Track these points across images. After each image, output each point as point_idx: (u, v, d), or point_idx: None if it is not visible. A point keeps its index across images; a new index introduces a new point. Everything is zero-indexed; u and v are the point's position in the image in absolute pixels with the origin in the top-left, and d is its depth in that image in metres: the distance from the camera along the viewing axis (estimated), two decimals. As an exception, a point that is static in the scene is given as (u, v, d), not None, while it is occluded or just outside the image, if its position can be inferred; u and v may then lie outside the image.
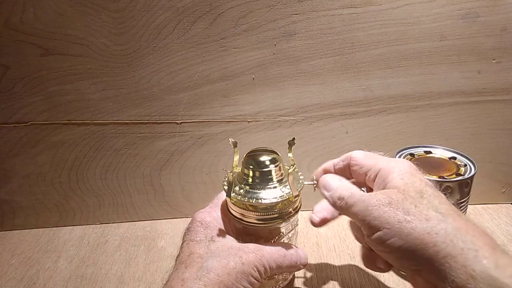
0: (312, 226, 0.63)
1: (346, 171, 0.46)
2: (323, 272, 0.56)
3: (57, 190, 0.67)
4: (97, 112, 0.62)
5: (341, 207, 0.40)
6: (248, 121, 0.64)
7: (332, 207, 0.42)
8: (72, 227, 0.70)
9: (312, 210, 0.45)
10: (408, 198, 0.36)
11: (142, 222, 0.70)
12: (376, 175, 0.41)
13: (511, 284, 0.30)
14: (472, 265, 0.31)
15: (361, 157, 0.44)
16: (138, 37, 0.58)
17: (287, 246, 0.44)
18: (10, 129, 0.62)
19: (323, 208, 0.44)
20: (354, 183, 0.43)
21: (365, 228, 0.37)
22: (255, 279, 0.39)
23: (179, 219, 0.71)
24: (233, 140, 0.45)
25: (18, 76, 0.59)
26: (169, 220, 0.71)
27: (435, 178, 0.48)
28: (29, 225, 0.69)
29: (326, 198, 0.43)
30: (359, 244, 0.61)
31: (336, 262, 0.58)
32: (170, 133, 0.64)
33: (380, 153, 0.45)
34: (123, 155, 0.65)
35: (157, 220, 0.71)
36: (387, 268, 0.42)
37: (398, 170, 0.39)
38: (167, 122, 0.64)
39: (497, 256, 0.31)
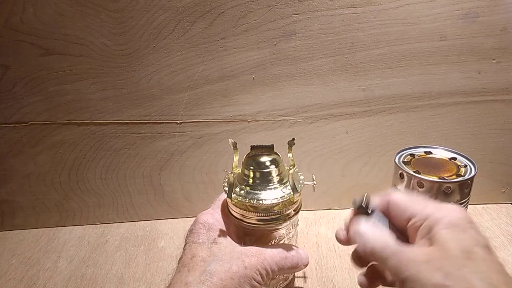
0: (312, 227, 0.63)
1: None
2: (323, 272, 0.56)
3: (57, 190, 0.67)
4: (97, 112, 0.62)
5: (374, 259, 0.35)
6: (248, 121, 0.64)
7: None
8: (72, 227, 0.70)
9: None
10: (451, 258, 0.30)
11: (142, 222, 0.70)
12: (421, 224, 0.34)
13: None
14: None
15: (404, 201, 0.37)
16: (138, 37, 0.58)
17: (288, 247, 0.44)
18: (10, 129, 0.62)
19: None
20: (391, 225, 0.38)
21: (398, 284, 0.32)
22: (257, 282, 0.39)
23: (179, 219, 0.71)
24: (232, 141, 0.45)
25: (18, 76, 0.59)
26: (169, 220, 0.71)
27: (435, 179, 0.48)
28: (29, 225, 0.69)
29: (358, 244, 0.37)
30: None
31: (336, 262, 0.58)
32: (170, 133, 0.64)
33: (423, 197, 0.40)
34: (123, 155, 0.65)
35: (157, 220, 0.71)
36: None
37: (447, 221, 0.33)
38: (167, 122, 0.64)
39: None
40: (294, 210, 0.46)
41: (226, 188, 0.44)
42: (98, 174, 0.67)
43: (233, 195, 0.43)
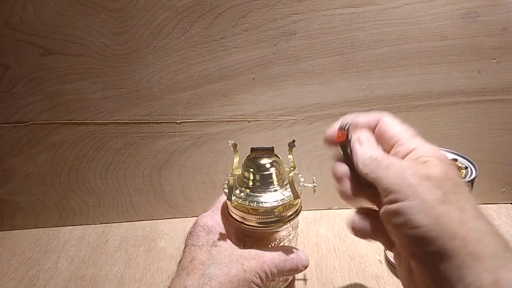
0: (312, 227, 0.63)
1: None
2: (323, 273, 0.56)
3: (57, 190, 0.67)
4: (97, 112, 0.62)
5: (370, 166, 0.34)
6: (248, 121, 0.64)
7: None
8: (72, 227, 0.70)
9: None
10: (449, 183, 0.30)
11: (142, 222, 0.70)
12: (408, 153, 0.34)
13: None
14: (500, 272, 0.27)
15: (395, 125, 0.37)
16: (138, 36, 0.58)
17: (288, 249, 0.44)
18: (10, 129, 0.62)
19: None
20: None
21: (388, 194, 0.31)
22: (256, 285, 0.39)
23: (179, 219, 0.71)
24: (233, 142, 0.45)
25: (18, 75, 0.59)
26: (169, 220, 0.70)
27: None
28: (29, 225, 0.69)
29: (353, 152, 0.37)
30: (360, 243, 0.61)
31: (336, 263, 0.58)
32: (170, 133, 0.64)
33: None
34: (123, 155, 0.65)
35: (157, 220, 0.71)
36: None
37: (433, 155, 0.33)
38: (167, 122, 0.63)
39: None
40: (294, 213, 0.46)
41: (226, 190, 0.44)
42: (98, 174, 0.67)
43: (233, 198, 0.43)
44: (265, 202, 0.43)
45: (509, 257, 0.28)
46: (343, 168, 0.38)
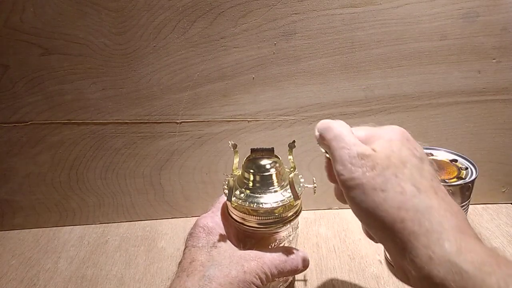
0: (312, 227, 0.63)
1: None
2: (323, 273, 0.56)
3: (57, 190, 0.67)
4: (97, 112, 0.62)
5: (324, 142, 0.38)
6: (248, 121, 0.64)
7: None
8: (72, 227, 0.70)
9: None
10: (391, 166, 0.33)
11: (142, 222, 0.70)
12: (365, 137, 0.38)
13: (470, 270, 0.27)
14: (433, 247, 0.29)
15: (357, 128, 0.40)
16: (138, 36, 0.58)
17: (288, 250, 0.44)
18: (10, 129, 0.62)
19: None
20: None
21: (341, 184, 0.35)
22: (256, 286, 0.39)
23: (179, 219, 0.71)
24: (232, 143, 0.45)
25: (18, 75, 0.59)
26: (169, 220, 0.70)
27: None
28: (29, 225, 0.69)
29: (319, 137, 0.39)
30: (360, 243, 0.61)
31: (336, 263, 0.58)
32: (170, 133, 0.64)
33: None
34: (123, 155, 0.65)
35: (157, 220, 0.71)
36: None
37: (389, 137, 0.37)
38: (167, 122, 0.63)
39: (462, 240, 0.30)
40: (294, 213, 0.46)
41: (226, 191, 0.44)
42: (98, 174, 0.67)
43: (233, 199, 0.43)
44: (265, 203, 0.43)
45: (444, 229, 0.30)
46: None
